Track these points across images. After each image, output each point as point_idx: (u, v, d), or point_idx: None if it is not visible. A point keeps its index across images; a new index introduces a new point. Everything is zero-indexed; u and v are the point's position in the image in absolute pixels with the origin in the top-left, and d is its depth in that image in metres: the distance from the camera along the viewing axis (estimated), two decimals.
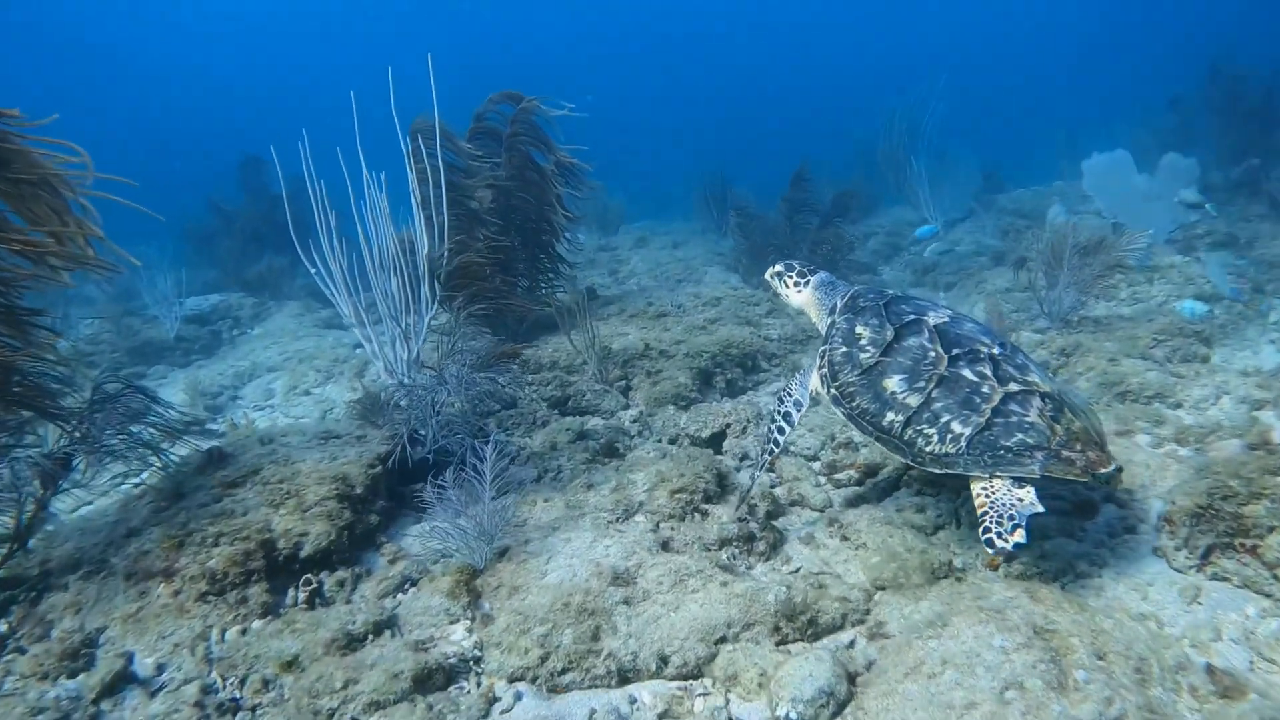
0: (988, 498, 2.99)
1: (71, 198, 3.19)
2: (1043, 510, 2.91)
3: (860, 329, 3.62)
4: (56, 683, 3.02)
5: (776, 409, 3.83)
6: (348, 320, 5.03)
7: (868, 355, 3.50)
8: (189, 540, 3.48)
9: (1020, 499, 2.94)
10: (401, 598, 3.54)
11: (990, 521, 2.90)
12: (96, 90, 55.28)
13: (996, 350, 3.36)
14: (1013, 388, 3.20)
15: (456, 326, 5.30)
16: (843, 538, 3.74)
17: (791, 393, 3.82)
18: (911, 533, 3.60)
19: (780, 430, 3.79)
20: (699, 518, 3.82)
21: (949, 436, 3.13)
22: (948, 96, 12.88)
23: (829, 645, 3.01)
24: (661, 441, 5.27)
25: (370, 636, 3.17)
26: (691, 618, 3.03)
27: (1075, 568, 3.27)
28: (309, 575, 3.57)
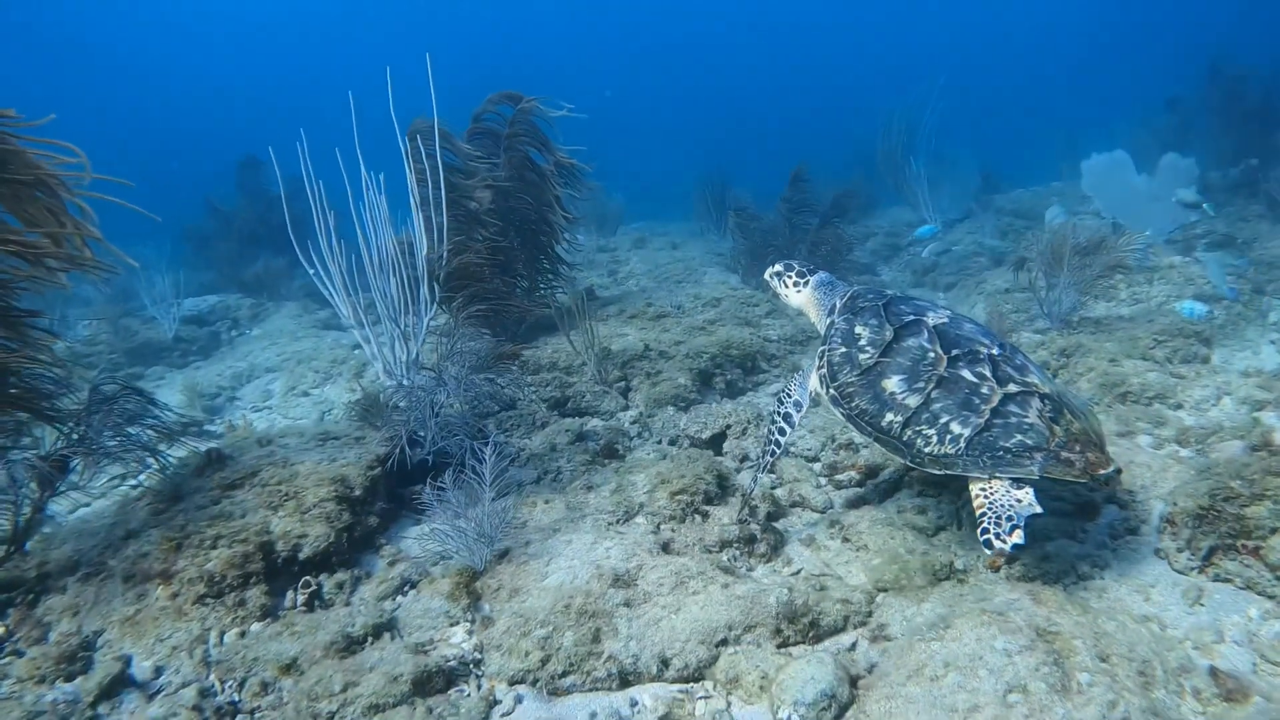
0: (986, 498, 2.98)
1: (69, 199, 3.17)
2: (1041, 511, 2.90)
3: (859, 329, 3.61)
4: (54, 686, 3.00)
5: (776, 410, 3.81)
6: (346, 321, 5.02)
7: (867, 356, 3.49)
8: (187, 542, 3.47)
9: (1019, 500, 2.93)
10: (401, 600, 3.52)
11: (988, 522, 2.89)
12: (95, 91, 55.29)
13: (996, 351, 3.35)
14: (1012, 389, 3.19)
15: (455, 327, 5.29)
16: (844, 539, 3.73)
17: (791, 393, 3.80)
18: (913, 534, 3.59)
19: (781, 431, 3.78)
20: (700, 519, 3.81)
21: (948, 437, 3.12)
22: (947, 97, 12.90)
23: (831, 648, 3.00)
24: (661, 443, 5.26)
25: (369, 639, 3.16)
26: (693, 620, 3.02)
27: (1077, 569, 3.26)
28: (308, 577, 3.55)
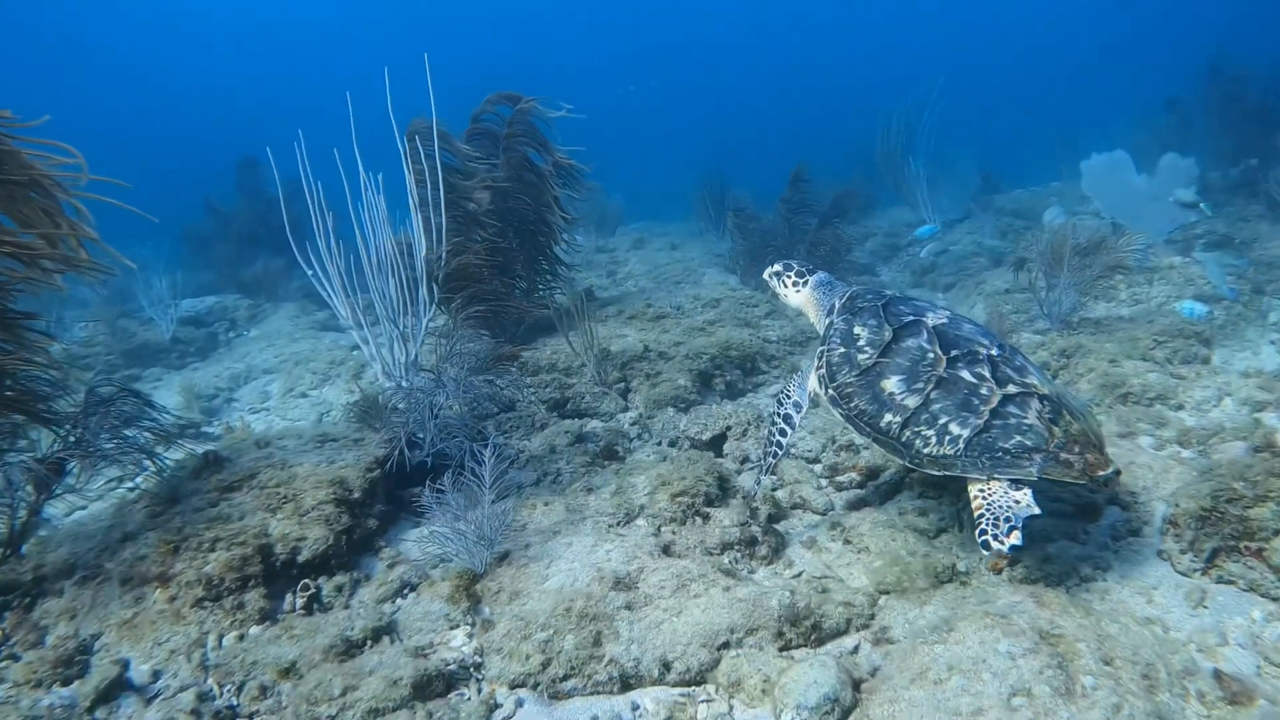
0: (984, 499, 2.97)
1: (64, 199, 3.15)
2: (1039, 512, 2.89)
3: (858, 330, 3.59)
4: (51, 690, 2.98)
5: (776, 411, 3.80)
6: (345, 322, 5.00)
7: (866, 356, 3.48)
8: (185, 545, 3.44)
9: (1017, 501, 2.92)
10: (400, 603, 3.50)
11: (986, 524, 2.88)
12: (93, 91, 55.16)
13: (995, 352, 3.34)
14: (1011, 389, 3.18)
15: (454, 329, 5.28)
16: (845, 541, 3.71)
17: (790, 394, 3.79)
18: (915, 536, 3.57)
19: (782, 433, 3.76)
20: (700, 521, 3.79)
21: (947, 438, 3.11)
22: (946, 97, 12.89)
23: (833, 651, 2.99)
24: (661, 444, 5.25)
25: (369, 642, 3.14)
26: (694, 623, 3.00)
27: (1079, 571, 3.25)
28: (307, 580, 3.53)
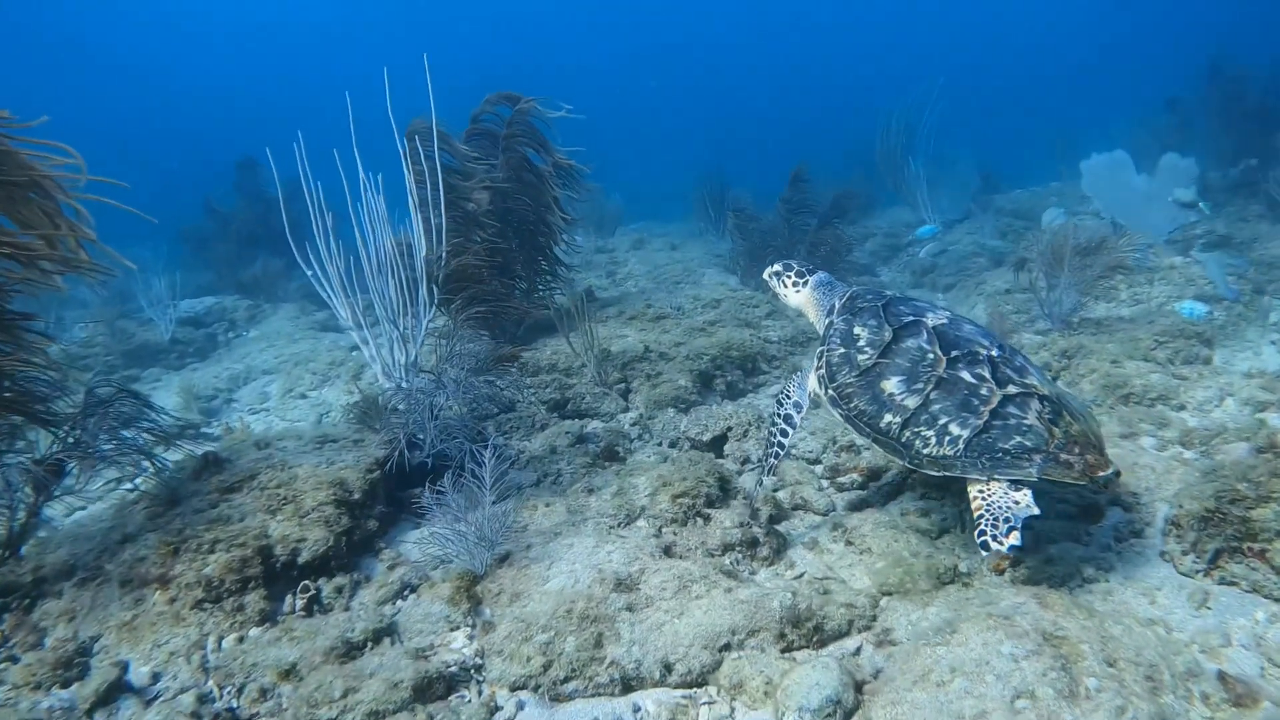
0: (984, 500, 2.97)
1: (64, 200, 3.13)
2: (1038, 513, 2.90)
3: (858, 330, 3.59)
4: (50, 692, 2.97)
5: (776, 412, 3.79)
6: (345, 323, 4.99)
7: (865, 356, 3.47)
8: (185, 547, 3.43)
9: (1016, 501, 2.92)
10: (401, 604, 3.49)
11: (985, 524, 2.89)
12: (92, 92, 55.15)
13: (995, 352, 3.34)
14: (1011, 390, 3.17)
15: (454, 329, 5.26)
16: (847, 542, 3.71)
17: (790, 394, 3.78)
18: (916, 537, 3.56)
19: (783, 433, 3.75)
20: (701, 522, 3.78)
21: (946, 439, 3.10)
22: (946, 97, 12.89)
23: (835, 652, 2.97)
24: (662, 445, 5.24)
25: (369, 644, 3.13)
26: (695, 624, 2.99)
27: (1082, 572, 3.24)
28: (307, 582, 3.52)
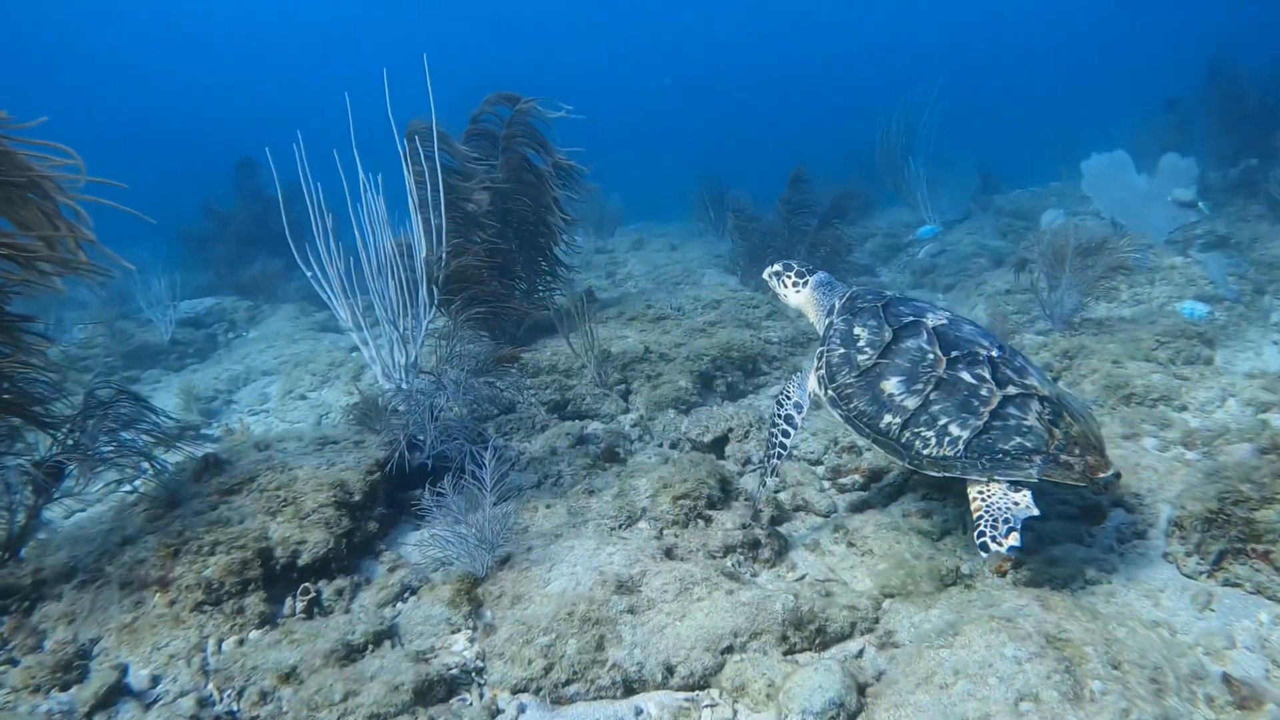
0: (983, 501, 2.97)
1: (62, 201, 3.12)
2: (1038, 514, 2.90)
3: (858, 330, 3.58)
4: (49, 695, 2.95)
5: (777, 412, 3.78)
6: (344, 324, 4.98)
7: (865, 357, 3.46)
8: (185, 549, 3.42)
9: (1016, 503, 2.92)
10: (401, 607, 3.48)
11: (985, 525, 2.88)
12: (91, 92, 55.19)
13: (995, 353, 3.33)
14: (1011, 391, 3.16)
15: (454, 330, 5.25)
16: (849, 544, 3.69)
17: (790, 395, 3.77)
18: (918, 538, 3.55)
19: (785, 434, 3.75)
20: (703, 524, 3.77)
21: (946, 439, 3.10)
22: (946, 97, 12.89)
23: (838, 655, 2.96)
24: (663, 446, 5.23)
25: (370, 647, 3.12)
26: (697, 627, 2.98)
27: (1084, 574, 3.23)
28: (307, 584, 3.51)
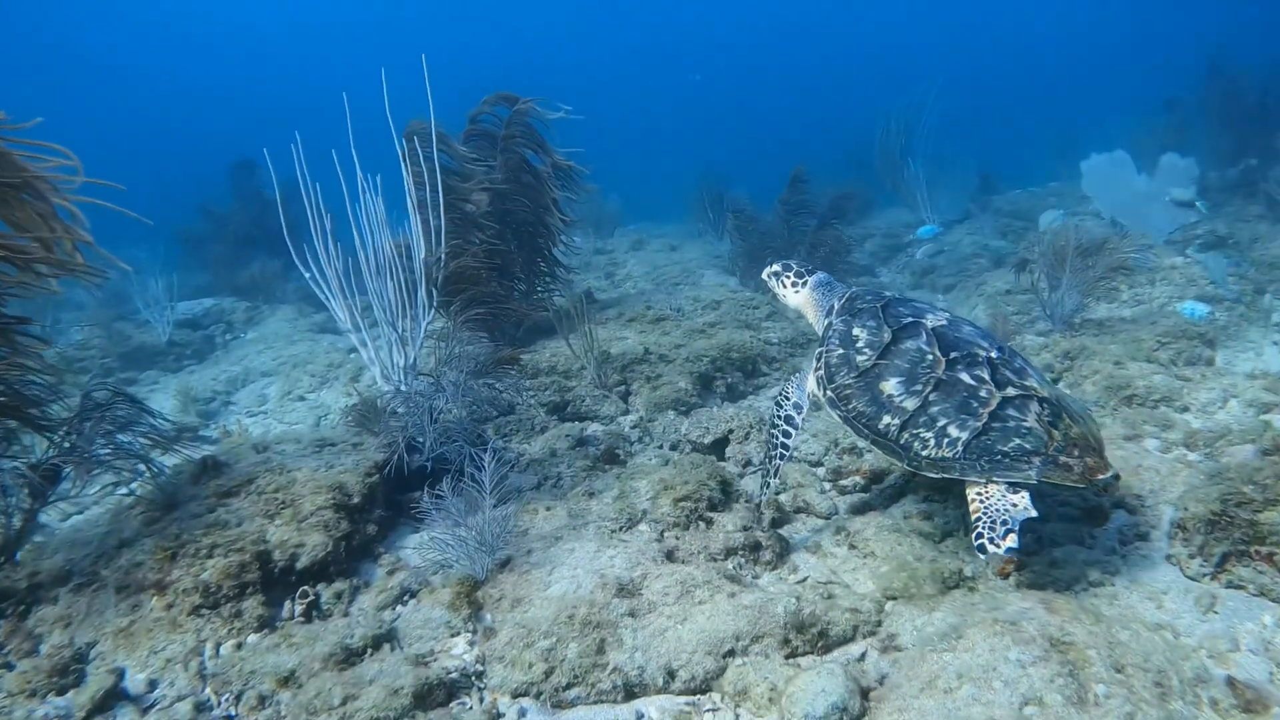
0: (981, 503, 2.96)
1: (58, 202, 3.10)
2: (1036, 515, 2.90)
3: (857, 331, 3.57)
4: (45, 700, 2.93)
5: (776, 414, 3.76)
6: (343, 325, 4.96)
7: (864, 358, 3.45)
8: (182, 552, 3.39)
9: (1014, 504, 2.91)
10: (401, 610, 3.46)
11: (983, 526, 2.88)
12: (89, 93, 55.07)
13: (994, 354, 3.32)
14: (1010, 392, 3.16)
15: (453, 331, 5.23)
16: (850, 546, 3.68)
17: (789, 396, 3.75)
18: (920, 540, 3.54)
19: (785, 435, 3.73)
20: (704, 526, 3.74)
21: (945, 440, 3.09)
22: (945, 98, 12.89)
23: (840, 658, 2.95)
24: (663, 448, 5.21)
25: (369, 650, 3.10)
26: (699, 630, 2.96)
27: (1087, 576, 3.21)
28: (305, 587, 3.48)
